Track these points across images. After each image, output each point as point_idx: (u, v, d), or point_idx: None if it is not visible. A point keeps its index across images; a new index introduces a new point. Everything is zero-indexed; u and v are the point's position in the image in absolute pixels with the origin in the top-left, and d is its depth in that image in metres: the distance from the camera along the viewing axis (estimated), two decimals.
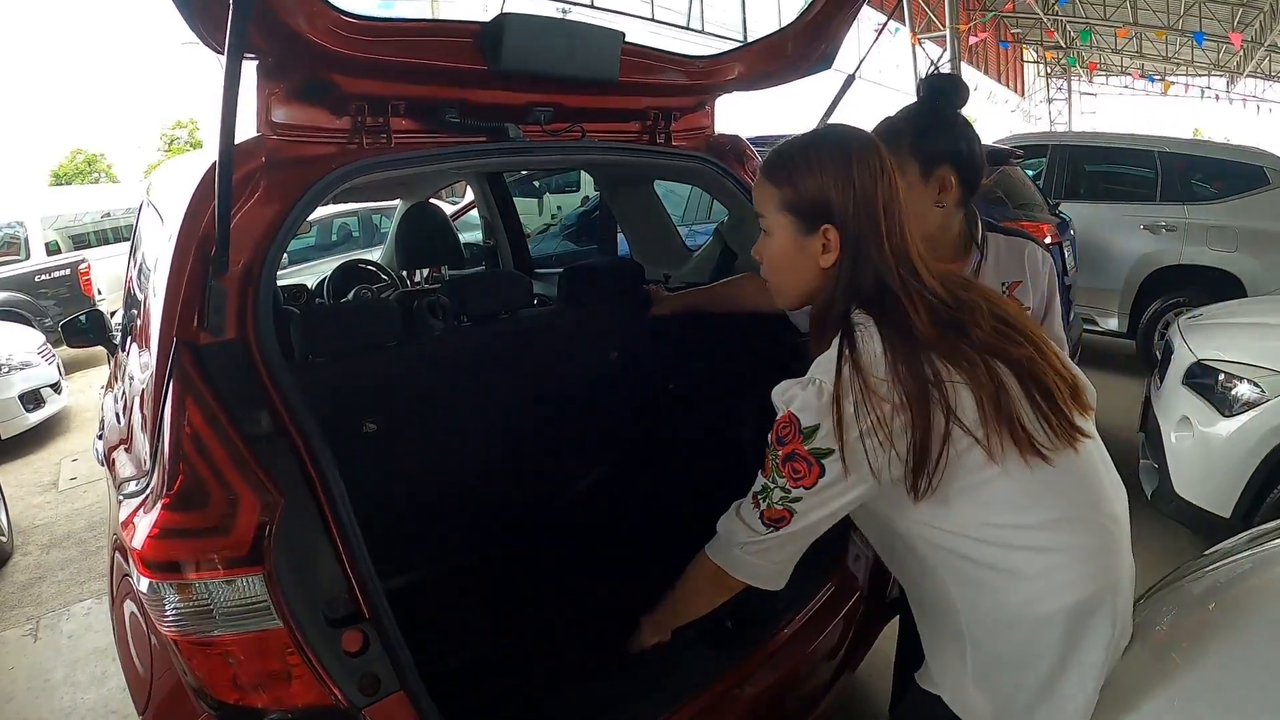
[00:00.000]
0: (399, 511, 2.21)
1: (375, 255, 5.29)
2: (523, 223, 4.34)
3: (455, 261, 3.47)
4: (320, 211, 9.28)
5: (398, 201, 4.89)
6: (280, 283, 5.66)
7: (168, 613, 1.34)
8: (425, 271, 3.93)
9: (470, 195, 5.34)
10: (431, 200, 4.21)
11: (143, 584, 1.35)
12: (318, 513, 1.37)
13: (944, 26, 17.41)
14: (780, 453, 1.20)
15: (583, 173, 7.91)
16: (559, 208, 7.48)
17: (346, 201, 5.24)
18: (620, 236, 4.05)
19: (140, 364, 1.63)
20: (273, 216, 1.50)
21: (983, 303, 1.24)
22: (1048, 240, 5.03)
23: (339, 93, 1.60)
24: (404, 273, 4.03)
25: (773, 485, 1.22)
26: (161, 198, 1.93)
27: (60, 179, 30.25)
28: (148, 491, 1.41)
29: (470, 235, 5.06)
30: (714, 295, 2.26)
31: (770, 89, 2.27)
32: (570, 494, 2.69)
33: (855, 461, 1.16)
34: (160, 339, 1.44)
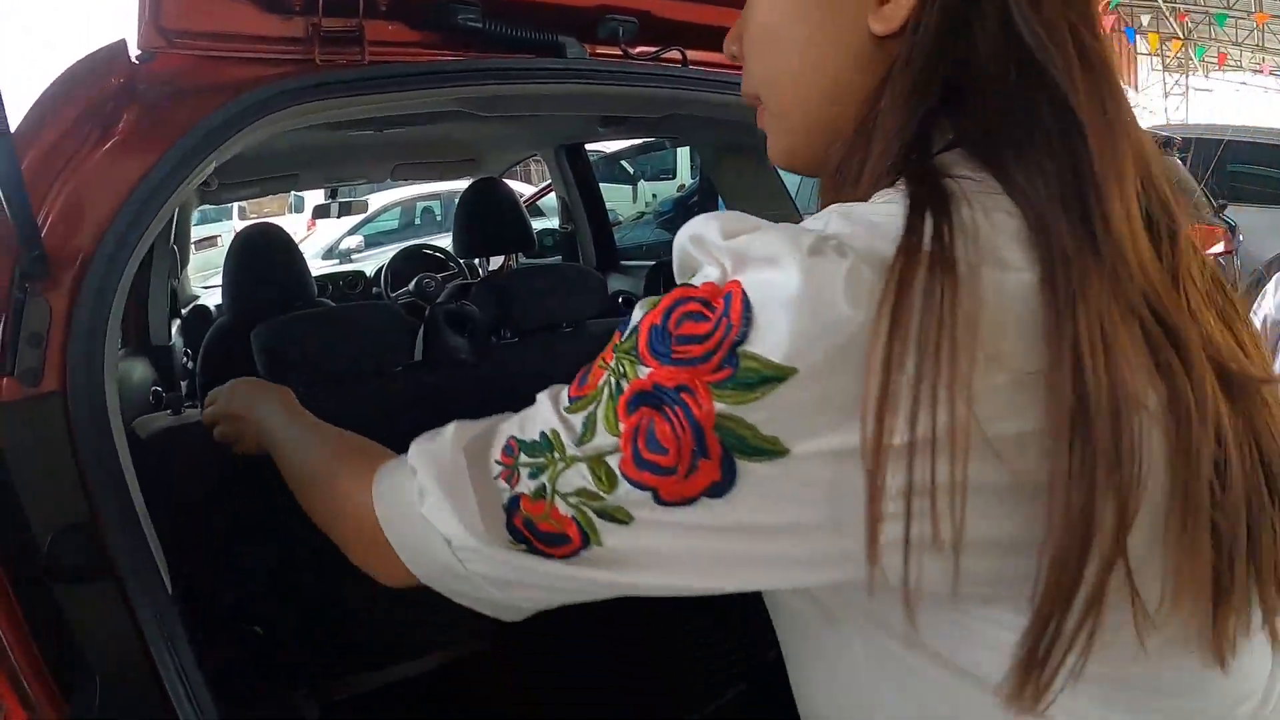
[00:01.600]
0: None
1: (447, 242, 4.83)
2: (615, 211, 3.75)
3: (525, 248, 2.91)
4: (404, 192, 8.89)
5: None
6: (340, 268, 5.25)
7: None
8: (500, 260, 3.50)
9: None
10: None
11: None
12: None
13: None
14: None
15: (679, 155, 7.24)
16: (654, 195, 6.89)
17: (403, 180, 4.62)
18: None
19: None
20: (136, 178, 0.87)
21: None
22: (1220, 248, 4.20)
23: None
24: (475, 261, 3.62)
25: None
26: None
27: None
28: None
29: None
30: None
31: None
32: None
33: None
34: None
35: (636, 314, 0.48)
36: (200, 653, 0.84)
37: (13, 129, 0.71)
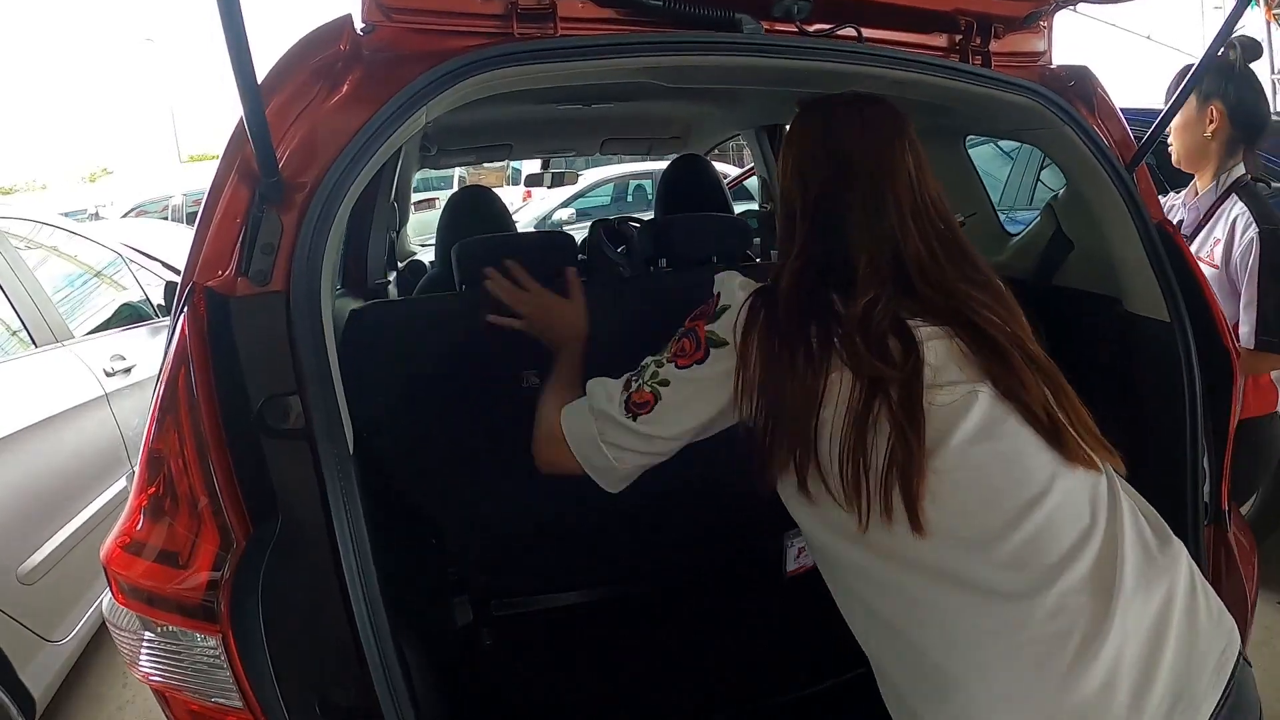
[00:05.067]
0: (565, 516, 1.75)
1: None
2: None
3: None
4: (616, 169, 9.21)
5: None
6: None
7: (138, 651, 1.03)
8: None
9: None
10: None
11: (105, 601, 1.06)
12: (330, 556, 0.96)
13: None
14: None
15: None
16: None
17: (586, 152, 4.76)
18: None
19: None
20: (356, 125, 1.04)
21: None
22: None
23: None
24: None
25: None
26: None
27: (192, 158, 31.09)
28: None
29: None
30: None
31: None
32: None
33: None
34: (181, 282, 1.06)
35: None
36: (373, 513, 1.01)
37: (259, 82, 0.88)
